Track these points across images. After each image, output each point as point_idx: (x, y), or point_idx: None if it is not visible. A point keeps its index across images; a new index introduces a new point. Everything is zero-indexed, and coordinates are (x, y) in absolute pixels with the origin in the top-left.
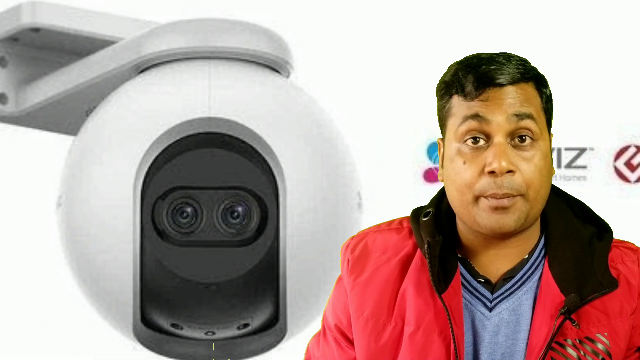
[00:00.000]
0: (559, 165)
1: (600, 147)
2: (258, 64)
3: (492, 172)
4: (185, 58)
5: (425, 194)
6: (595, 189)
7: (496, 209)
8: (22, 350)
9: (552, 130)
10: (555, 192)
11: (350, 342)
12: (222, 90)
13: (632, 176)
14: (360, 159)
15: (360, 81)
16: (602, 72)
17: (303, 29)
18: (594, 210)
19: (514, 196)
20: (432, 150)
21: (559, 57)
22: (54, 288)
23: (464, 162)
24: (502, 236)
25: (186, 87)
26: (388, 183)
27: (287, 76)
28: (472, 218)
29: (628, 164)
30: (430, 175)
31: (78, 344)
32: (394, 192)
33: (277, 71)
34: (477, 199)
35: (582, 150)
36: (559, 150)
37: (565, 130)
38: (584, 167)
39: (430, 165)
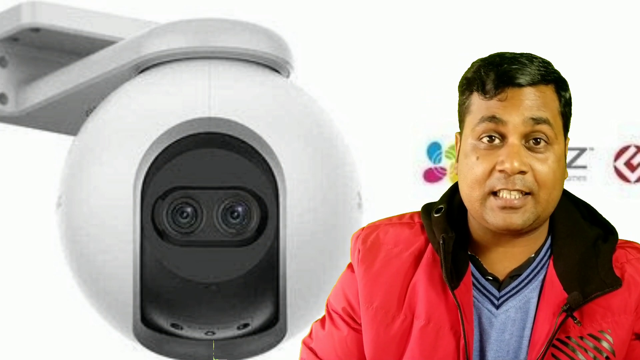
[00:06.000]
0: None
1: (600, 147)
2: (258, 64)
3: (503, 171)
4: (185, 58)
5: (425, 194)
6: (595, 189)
7: (504, 208)
8: (23, 350)
9: None
10: (564, 193)
11: (359, 325)
12: (222, 90)
13: (632, 176)
14: (360, 159)
15: (360, 81)
16: (601, 72)
17: (303, 29)
18: (600, 213)
19: (524, 194)
20: (432, 150)
21: (559, 57)
22: (54, 288)
23: (477, 158)
24: (511, 234)
25: (186, 87)
26: (388, 183)
27: (287, 76)
28: (480, 215)
29: (628, 164)
30: (430, 175)
31: (78, 344)
32: (394, 192)
33: (277, 71)
34: (486, 197)
35: (582, 150)
36: None
37: None
38: (584, 167)
39: (430, 165)
